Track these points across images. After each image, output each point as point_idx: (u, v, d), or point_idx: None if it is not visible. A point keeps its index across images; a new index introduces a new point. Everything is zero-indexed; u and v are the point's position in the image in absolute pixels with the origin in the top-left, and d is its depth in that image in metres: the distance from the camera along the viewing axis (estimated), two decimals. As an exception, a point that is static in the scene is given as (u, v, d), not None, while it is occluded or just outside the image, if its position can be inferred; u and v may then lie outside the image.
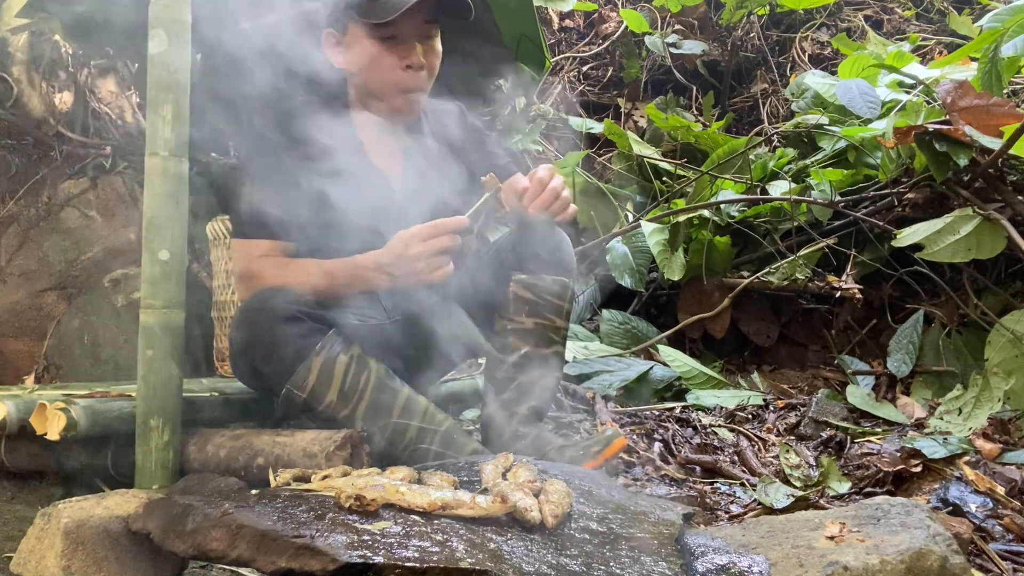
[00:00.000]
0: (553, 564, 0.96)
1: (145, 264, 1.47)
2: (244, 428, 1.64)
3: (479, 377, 2.27)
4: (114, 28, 2.01)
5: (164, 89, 1.46)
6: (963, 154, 2.46)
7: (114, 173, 2.67)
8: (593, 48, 4.55)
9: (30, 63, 2.64)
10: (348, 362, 1.55)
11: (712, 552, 1.07)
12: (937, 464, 1.76)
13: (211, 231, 2.31)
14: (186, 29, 1.49)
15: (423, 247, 1.52)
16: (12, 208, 2.59)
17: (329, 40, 1.72)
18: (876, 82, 3.16)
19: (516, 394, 1.74)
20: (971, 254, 2.40)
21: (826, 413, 2.26)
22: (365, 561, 0.88)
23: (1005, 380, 2.21)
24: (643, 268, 3.14)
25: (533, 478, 1.19)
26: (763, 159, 3.29)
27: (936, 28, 4.31)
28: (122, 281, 2.51)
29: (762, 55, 4.46)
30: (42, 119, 2.66)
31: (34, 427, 1.47)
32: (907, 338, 2.63)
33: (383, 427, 1.57)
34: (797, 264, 2.82)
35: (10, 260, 2.57)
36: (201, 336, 2.40)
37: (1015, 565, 1.35)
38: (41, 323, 2.55)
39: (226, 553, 0.95)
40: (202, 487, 1.39)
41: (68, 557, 1.12)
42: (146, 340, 1.45)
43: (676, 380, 2.62)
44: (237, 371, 1.66)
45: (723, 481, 1.88)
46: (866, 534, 1.12)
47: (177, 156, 1.47)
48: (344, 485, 1.08)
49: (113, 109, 2.78)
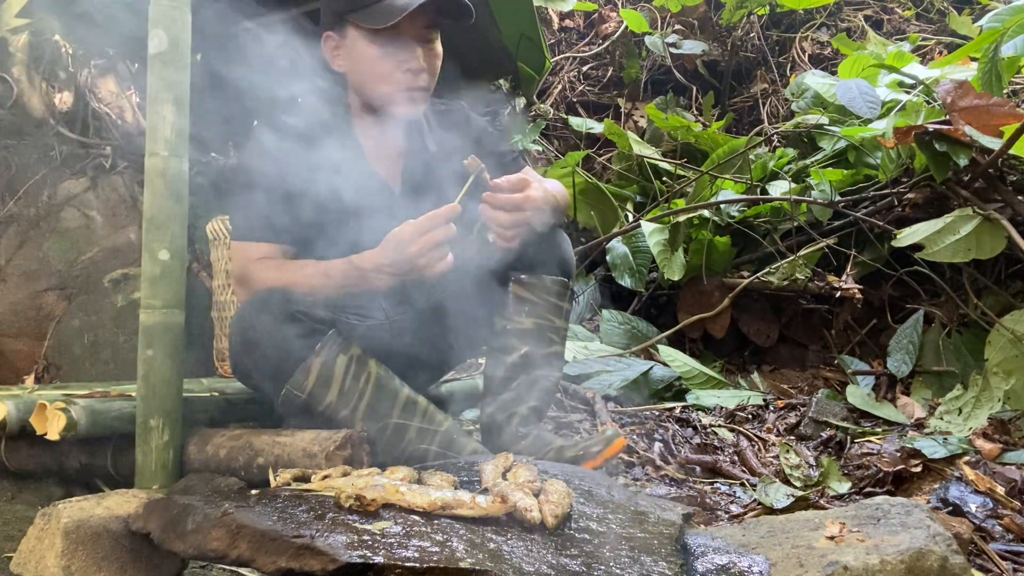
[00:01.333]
0: (553, 564, 0.96)
1: (145, 264, 1.46)
2: (244, 428, 1.64)
3: (479, 377, 2.27)
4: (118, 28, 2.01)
5: (164, 89, 1.46)
6: (963, 154, 2.46)
7: (114, 173, 2.67)
8: (593, 48, 4.56)
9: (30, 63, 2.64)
10: (348, 362, 1.55)
11: (712, 552, 1.07)
12: (937, 464, 1.76)
13: (211, 231, 2.31)
14: (186, 29, 1.49)
15: (421, 243, 1.51)
16: (12, 208, 2.59)
17: (328, 43, 1.72)
18: (876, 82, 3.17)
19: (516, 394, 1.73)
20: (971, 254, 2.40)
21: (826, 413, 2.26)
22: (365, 561, 0.88)
23: (1005, 380, 2.21)
24: (643, 268, 3.14)
25: (533, 478, 1.19)
26: (763, 159, 3.29)
27: (936, 28, 4.31)
28: (122, 281, 2.51)
29: (762, 55, 4.46)
30: (42, 119, 2.65)
31: (34, 427, 1.47)
32: (907, 338, 2.63)
33: (383, 427, 1.57)
34: (797, 264, 2.82)
35: (10, 260, 2.56)
36: (201, 336, 2.40)
37: (1015, 565, 1.35)
38: (41, 323, 2.55)
39: (226, 553, 0.95)
40: (202, 487, 1.39)
41: (68, 557, 1.12)
42: (146, 340, 1.45)
43: (676, 380, 2.62)
44: (237, 371, 1.65)
45: (723, 481, 1.88)
46: (866, 534, 1.12)
47: (177, 156, 1.47)
48: (344, 485, 1.08)
49: (113, 109, 2.78)
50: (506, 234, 1.62)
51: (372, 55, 1.66)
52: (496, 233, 1.63)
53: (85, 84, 2.73)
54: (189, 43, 1.49)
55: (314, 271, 1.63)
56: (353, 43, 1.68)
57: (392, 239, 1.54)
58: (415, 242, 1.51)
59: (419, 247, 1.52)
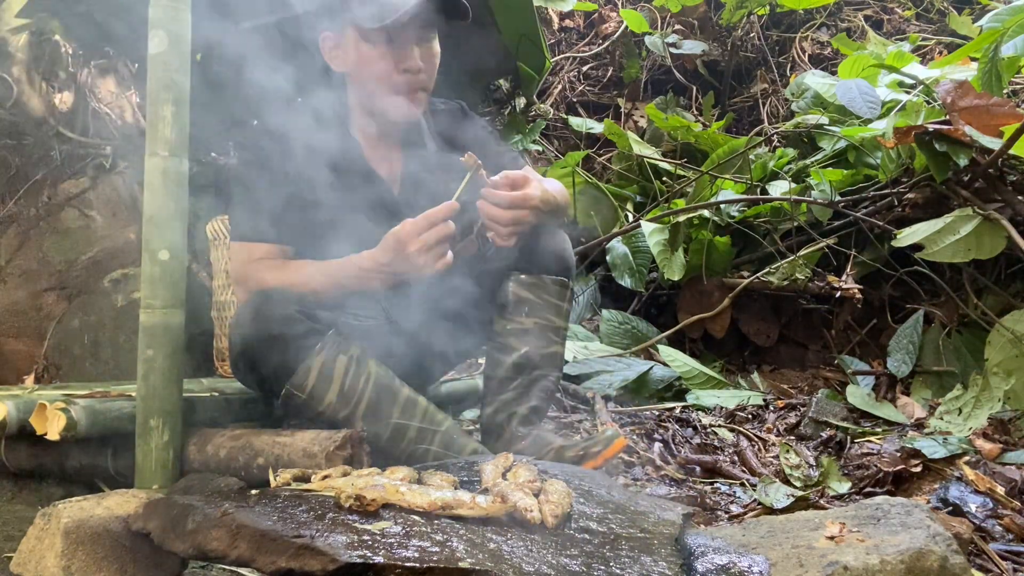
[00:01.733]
0: (553, 564, 0.96)
1: (145, 264, 1.46)
2: (244, 428, 1.64)
3: (479, 377, 2.27)
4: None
5: (164, 89, 1.46)
6: (963, 154, 2.46)
7: (114, 173, 2.67)
8: (593, 48, 4.55)
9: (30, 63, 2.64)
10: (348, 362, 1.55)
11: (712, 552, 1.07)
12: (937, 464, 1.76)
13: (211, 231, 2.31)
14: (186, 29, 1.49)
15: (420, 241, 1.52)
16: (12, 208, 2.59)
17: (326, 43, 1.72)
18: (876, 82, 3.17)
19: (516, 394, 1.73)
20: (971, 254, 2.40)
21: (826, 413, 2.26)
22: (365, 561, 0.88)
23: (1005, 380, 2.21)
24: (643, 268, 3.14)
25: (533, 478, 1.19)
26: (763, 159, 3.29)
27: (936, 28, 4.31)
28: (122, 281, 2.51)
29: (762, 55, 4.46)
30: (42, 119, 2.65)
31: (34, 427, 1.47)
32: (907, 338, 2.63)
33: (383, 427, 1.57)
34: (797, 264, 2.82)
35: (10, 260, 2.56)
36: (201, 336, 2.40)
37: (1015, 565, 1.35)
38: (41, 323, 2.55)
39: (226, 553, 0.94)
40: (202, 487, 1.39)
41: (68, 557, 1.12)
42: (146, 340, 1.45)
43: (676, 380, 2.61)
44: (237, 371, 1.66)
45: (723, 481, 1.88)
46: (866, 534, 1.12)
47: (177, 156, 1.47)
48: (344, 485, 1.08)
49: (113, 109, 2.78)
50: (503, 231, 1.62)
51: (370, 55, 1.66)
52: (494, 231, 1.63)
53: (85, 84, 2.73)
54: (189, 43, 1.49)
55: (315, 271, 1.63)
56: (351, 42, 1.68)
57: (391, 238, 1.54)
58: (414, 241, 1.52)
59: (418, 246, 1.52)
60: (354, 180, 1.71)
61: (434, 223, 1.52)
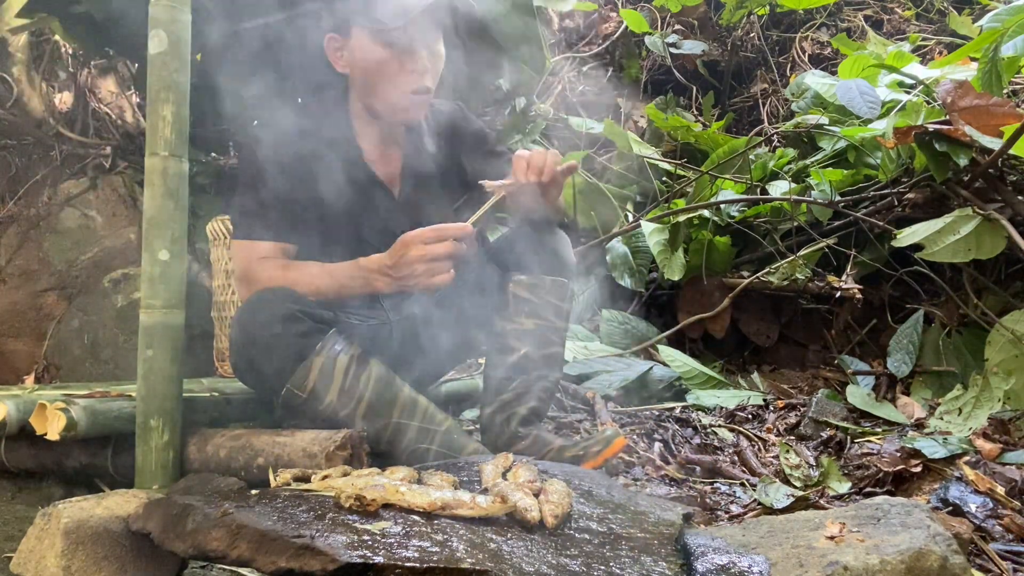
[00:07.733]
0: (553, 564, 0.96)
1: (145, 264, 1.46)
2: (244, 428, 1.64)
3: (479, 377, 2.27)
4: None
5: (164, 89, 1.46)
6: (963, 154, 2.46)
7: (114, 173, 2.67)
8: (593, 48, 4.55)
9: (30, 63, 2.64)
10: (348, 362, 1.55)
11: (712, 552, 1.07)
12: (937, 464, 1.76)
13: (211, 231, 2.31)
14: (186, 29, 1.49)
15: (422, 251, 1.51)
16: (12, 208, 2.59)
17: (331, 44, 1.72)
18: (876, 82, 3.17)
19: (516, 394, 1.73)
20: (971, 254, 2.40)
21: (826, 413, 2.26)
22: (365, 561, 0.88)
23: (1005, 380, 2.21)
24: (643, 268, 3.14)
25: (533, 478, 1.19)
26: (763, 159, 3.29)
27: (936, 28, 4.31)
28: (122, 281, 2.51)
29: (762, 55, 4.46)
30: (42, 119, 2.66)
31: (34, 427, 1.47)
32: (907, 338, 2.63)
33: (383, 427, 1.57)
34: (797, 264, 2.82)
35: (10, 260, 2.57)
36: (201, 336, 2.40)
37: (1015, 565, 1.35)
38: (41, 323, 2.55)
39: (226, 553, 0.94)
40: (202, 487, 1.39)
41: (68, 557, 1.12)
42: (146, 340, 1.45)
43: (676, 380, 2.61)
44: (237, 371, 1.65)
45: (723, 481, 1.88)
46: (866, 534, 1.12)
47: (177, 156, 1.47)
48: (344, 485, 1.08)
49: (113, 109, 2.78)
50: (551, 191, 1.64)
51: (375, 56, 1.66)
52: (534, 194, 1.64)
53: (85, 84, 2.73)
54: (189, 43, 1.49)
55: (319, 271, 1.63)
56: (356, 44, 1.68)
57: (400, 242, 1.54)
58: (417, 246, 1.52)
59: (419, 252, 1.51)
60: (354, 180, 1.71)
61: (443, 237, 1.52)
